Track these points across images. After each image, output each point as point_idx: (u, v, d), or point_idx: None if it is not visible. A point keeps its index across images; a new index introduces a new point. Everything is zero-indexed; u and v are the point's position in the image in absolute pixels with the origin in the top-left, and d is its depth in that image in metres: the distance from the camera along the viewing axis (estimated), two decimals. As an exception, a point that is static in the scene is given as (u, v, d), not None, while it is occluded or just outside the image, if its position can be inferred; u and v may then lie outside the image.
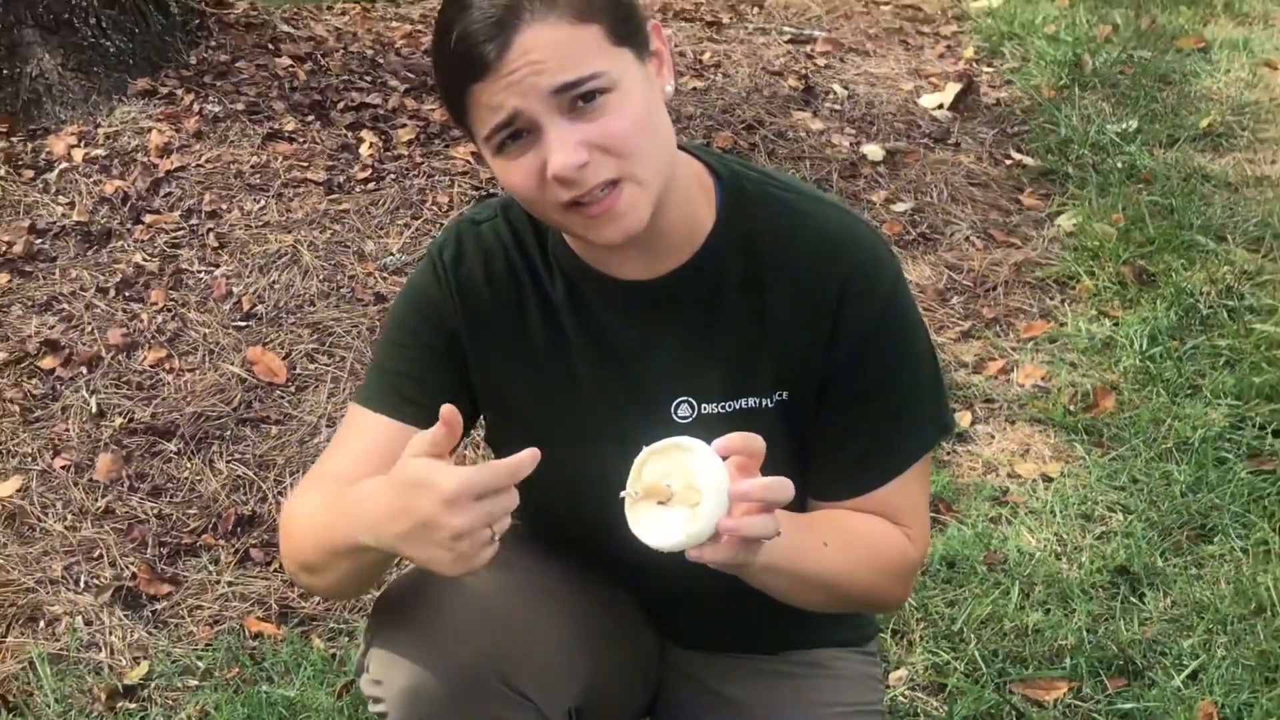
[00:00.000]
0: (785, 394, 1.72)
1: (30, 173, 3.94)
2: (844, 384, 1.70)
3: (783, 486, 1.44)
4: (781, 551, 1.54)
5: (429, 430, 1.44)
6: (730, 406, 1.72)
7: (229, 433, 3.20)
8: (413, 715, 1.65)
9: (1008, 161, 4.38)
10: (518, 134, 1.53)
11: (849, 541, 1.69)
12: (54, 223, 3.76)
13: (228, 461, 3.14)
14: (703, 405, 1.72)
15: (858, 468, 1.73)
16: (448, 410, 1.44)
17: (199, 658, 2.72)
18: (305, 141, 4.08)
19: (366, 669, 1.70)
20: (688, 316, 1.72)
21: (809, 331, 1.69)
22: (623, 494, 1.48)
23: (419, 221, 3.80)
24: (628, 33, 1.56)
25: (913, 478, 1.75)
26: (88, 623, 2.79)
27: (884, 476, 1.72)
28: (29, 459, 3.12)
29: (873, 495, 1.72)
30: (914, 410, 1.74)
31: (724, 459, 1.45)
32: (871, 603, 1.84)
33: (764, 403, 1.72)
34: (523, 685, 1.65)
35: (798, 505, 1.71)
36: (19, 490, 3.05)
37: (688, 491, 1.44)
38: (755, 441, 1.46)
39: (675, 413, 1.73)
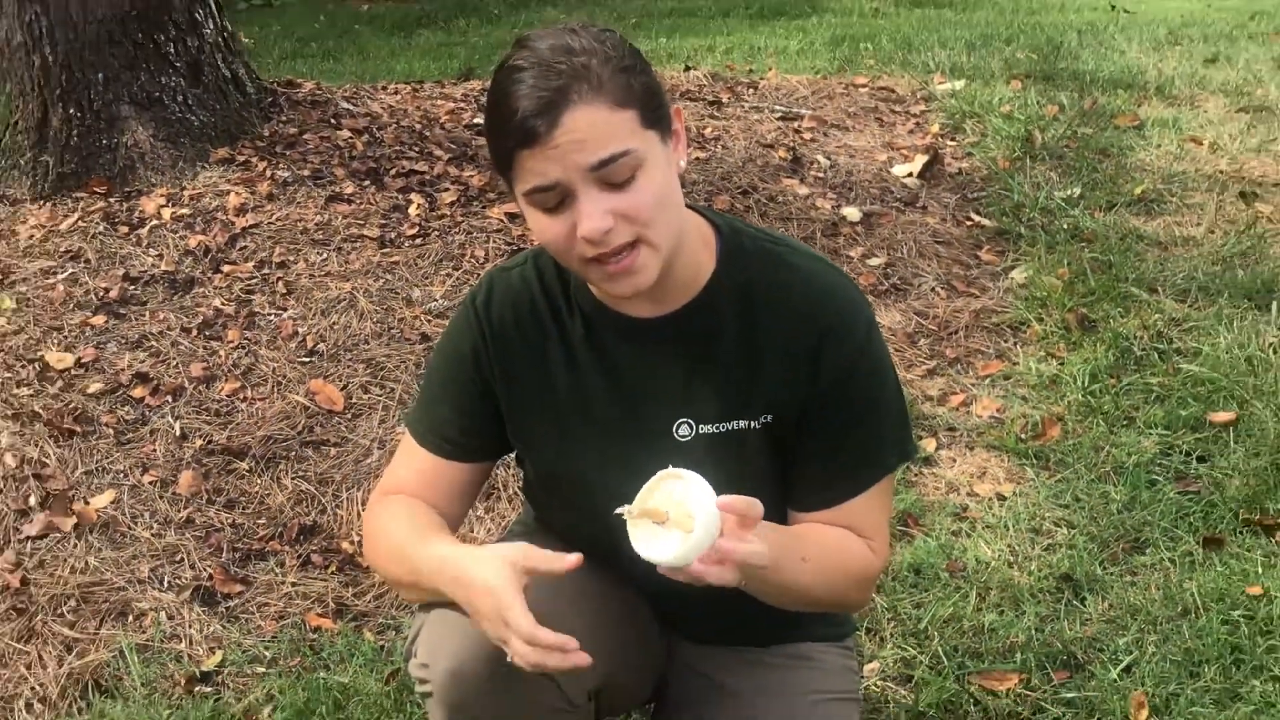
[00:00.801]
0: (770, 417, 1.73)
1: (125, 228, 3.97)
2: (822, 413, 1.72)
3: (758, 556, 1.48)
4: (784, 577, 1.59)
5: (536, 560, 1.56)
6: (724, 428, 1.74)
7: (294, 453, 3.21)
8: (455, 694, 1.66)
9: (968, 223, 4.39)
10: (553, 199, 1.55)
11: (825, 557, 1.71)
12: (145, 271, 3.79)
13: (292, 478, 3.15)
14: (701, 426, 1.74)
15: (830, 483, 1.74)
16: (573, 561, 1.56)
17: (266, 648, 2.72)
18: (362, 203, 4.11)
19: (414, 654, 1.71)
20: (689, 349, 1.74)
21: (794, 366, 1.71)
22: (619, 510, 1.49)
23: (459, 272, 3.82)
24: (656, 118, 1.59)
25: (877, 495, 1.76)
26: (170, 617, 2.80)
27: (852, 491, 1.74)
28: (122, 475, 3.14)
29: (842, 508, 1.74)
30: (880, 438, 1.76)
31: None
32: (838, 606, 1.86)
33: (753, 424, 1.74)
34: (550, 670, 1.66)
35: (779, 512, 1.73)
36: (112, 502, 3.06)
37: (684, 519, 1.46)
38: (755, 507, 1.49)
39: (677, 432, 1.74)
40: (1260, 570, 2.73)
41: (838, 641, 2.00)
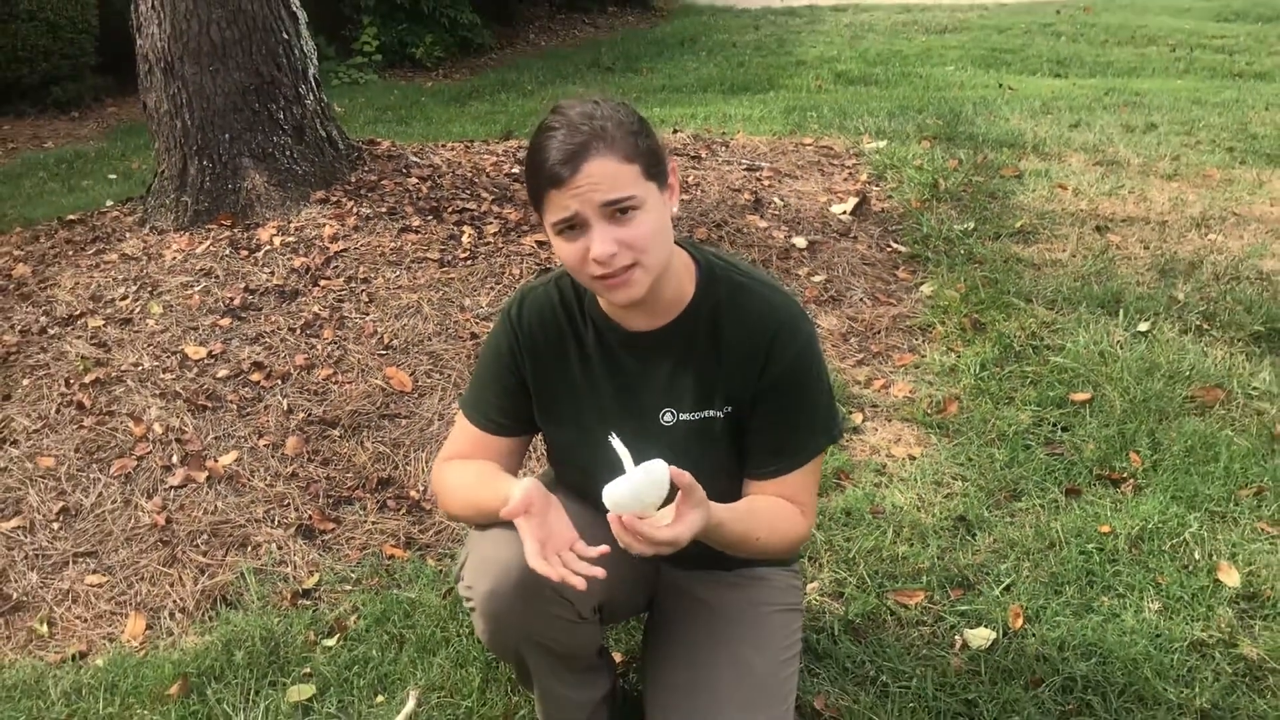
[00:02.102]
0: (731, 409, 1.74)
1: (245, 252, 3.97)
2: (766, 404, 1.73)
3: (670, 544, 1.51)
4: (729, 538, 1.63)
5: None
6: (698, 415, 1.74)
7: (373, 424, 3.22)
8: (490, 609, 1.67)
9: (889, 249, 4.40)
10: (573, 226, 1.56)
11: (774, 532, 1.74)
12: (261, 285, 3.79)
13: (373, 443, 3.16)
14: (680, 414, 1.75)
15: (772, 459, 1.75)
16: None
17: (352, 571, 2.73)
18: (426, 233, 4.11)
19: (461, 578, 1.72)
20: (672, 355, 1.74)
21: (748, 369, 1.71)
22: (611, 437, 1.52)
23: (500, 286, 3.82)
24: (656, 172, 1.60)
25: (809, 470, 1.76)
26: (279, 548, 2.81)
27: (791, 466, 1.75)
28: (243, 440, 3.15)
29: (782, 479, 1.74)
30: (813, 425, 1.76)
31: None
32: (773, 558, 1.87)
33: (718, 414, 1.74)
34: (564, 590, 1.67)
35: (738, 482, 1.75)
36: (235, 460, 3.07)
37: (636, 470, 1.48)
38: (697, 489, 1.52)
39: (662, 418, 1.75)
40: (1109, 513, 2.74)
41: (786, 567, 2.01)
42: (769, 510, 1.73)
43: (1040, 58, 10.07)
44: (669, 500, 1.52)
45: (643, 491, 1.46)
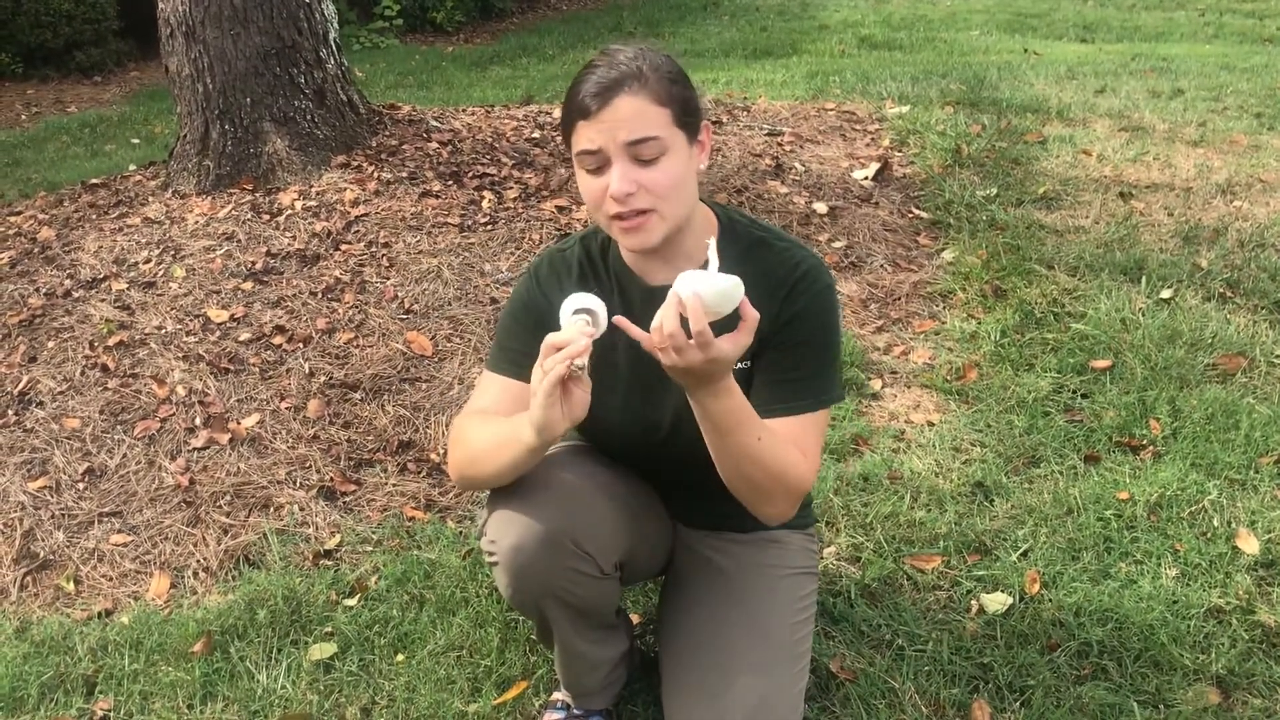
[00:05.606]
0: (749, 362, 1.74)
1: (267, 216, 3.98)
2: (779, 346, 1.71)
3: (724, 353, 1.44)
4: (734, 416, 1.53)
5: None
6: None
7: (394, 387, 3.24)
8: (514, 563, 1.68)
9: (910, 215, 4.37)
10: (598, 164, 1.56)
11: (775, 447, 1.62)
12: (282, 249, 3.80)
13: (393, 406, 3.17)
14: None
15: (781, 399, 1.69)
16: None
17: (373, 533, 2.75)
18: (446, 198, 4.11)
19: (485, 534, 1.73)
20: None
21: (768, 319, 1.71)
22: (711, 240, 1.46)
23: (520, 251, 3.82)
24: (687, 122, 1.60)
25: (812, 422, 1.70)
26: (301, 509, 2.84)
27: (798, 410, 1.69)
28: (265, 402, 3.17)
29: (789, 421, 1.69)
30: (818, 380, 1.71)
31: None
32: (767, 499, 1.65)
33: (737, 367, 1.74)
34: (586, 545, 1.69)
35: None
36: (258, 422, 3.09)
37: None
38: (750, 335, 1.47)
39: None
40: (1128, 480, 2.73)
41: (801, 529, 2.01)
42: (779, 434, 1.68)
43: (1066, 22, 9.95)
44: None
45: (723, 299, 1.39)
